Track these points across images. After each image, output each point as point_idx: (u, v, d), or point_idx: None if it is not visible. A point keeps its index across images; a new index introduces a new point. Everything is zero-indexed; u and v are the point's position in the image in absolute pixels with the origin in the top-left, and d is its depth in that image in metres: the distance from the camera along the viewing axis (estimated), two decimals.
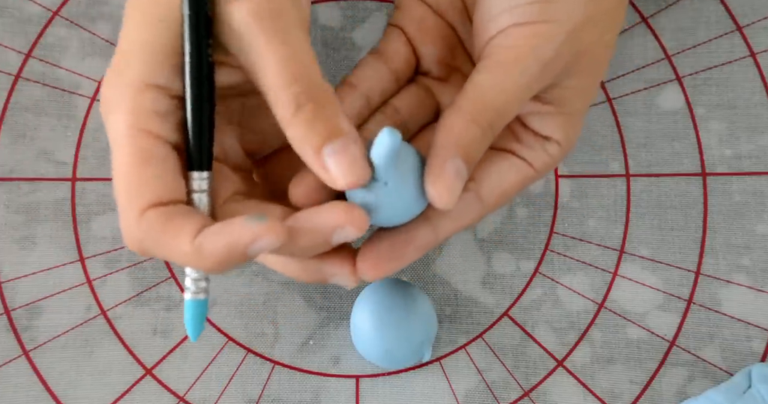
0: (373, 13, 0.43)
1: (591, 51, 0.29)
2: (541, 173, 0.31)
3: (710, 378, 0.38)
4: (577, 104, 0.31)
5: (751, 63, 0.42)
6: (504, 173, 0.30)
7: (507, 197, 0.31)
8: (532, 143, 0.31)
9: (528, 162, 0.31)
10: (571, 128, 0.31)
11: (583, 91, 0.30)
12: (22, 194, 0.40)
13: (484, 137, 0.27)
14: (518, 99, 0.28)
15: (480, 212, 0.30)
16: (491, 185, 0.30)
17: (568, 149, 0.31)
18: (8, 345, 0.38)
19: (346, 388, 0.38)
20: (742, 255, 0.40)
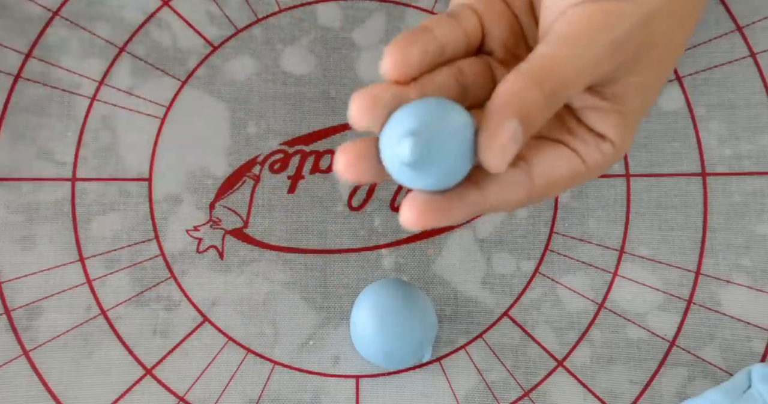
0: (373, 13, 0.43)
1: (661, 45, 0.28)
2: (592, 171, 0.30)
3: (710, 378, 0.38)
4: (635, 104, 0.29)
5: (751, 63, 0.42)
6: (555, 160, 0.29)
7: (555, 187, 0.29)
8: (587, 138, 0.30)
9: (580, 156, 0.29)
10: (626, 130, 0.30)
11: (645, 90, 0.29)
12: (22, 194, 0.40)
13: (545, 103, 0.26)
14: (584, 73, 0.26)
15: (528, 193, 0.29)
16: (541, 170, 0.29)
17: (621, 152, 0.30)
18: (8, 345, 0.38)
19: (346, 388, 0.38)
20: (742, 255, 0.40)
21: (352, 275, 0.40)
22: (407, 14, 0.43)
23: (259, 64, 0.42)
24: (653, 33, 0.28)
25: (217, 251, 0.40)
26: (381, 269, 0.40)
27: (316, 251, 0.40)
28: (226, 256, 0.40)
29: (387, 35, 0.42)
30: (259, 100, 0.42)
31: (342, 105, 0.42)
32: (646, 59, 0.28)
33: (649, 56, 0.28)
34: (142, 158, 0.41)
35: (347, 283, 0.40)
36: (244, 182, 0.41)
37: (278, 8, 0.43)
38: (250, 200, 0.41)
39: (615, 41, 0.27)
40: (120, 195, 0.40)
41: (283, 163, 0.41)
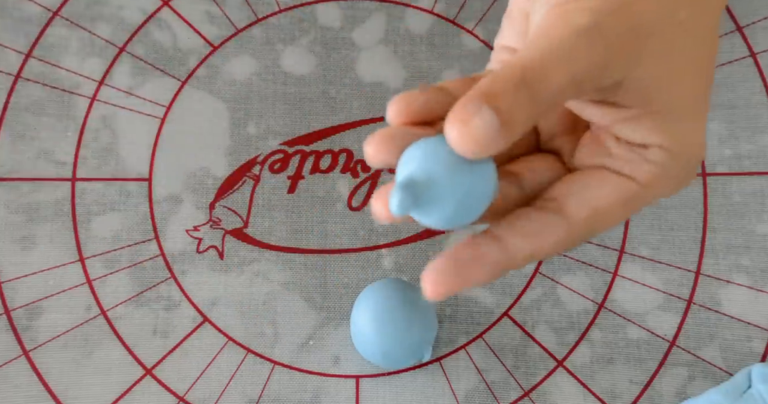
0: (373, 13, 0.43)
1: (658, 31, 0.26)
2: (652, 186, 0.27)
3: (710, 378, 0.38)
4: (664, 99, 0.27)
5: (751, 63, 0.42)
6: (594, 188, 0.27)
7: (605, 216, 0.27)
8: (627, 155, 0.27)
9: (626, 176, 0.27)
10: (676, 129, 0.27)
11: (665, 82, 0.26)
12: (22, 194, 0.40)
13: (516, 91, 0.24)
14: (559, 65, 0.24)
15: (566, 231, 0.27)
16: (577, 202, 0.27)
17: (686, 154, 0.27)
18: (8, 345, 0.38)
19: (346, 388, 0.38)
20: (742, 255, 0.40)
21: (352, 275, 0.40)
22: (407, 14, 0.43)
23: (259, 64, 0.42)
24: (638, 19, 0.26)
25: (217, 251, 0.40)
26: (381, 269, 0.40)
27: (316, 251, 0.40)
28: (226, 256, 0.40)
29: (387, 35, 0.43)
30: (259, 100, 0.42)
31: (342, 105, 0.42)
32: (645, 49, 0.26)
33: (648, 46, 0.26)
34: (142, 158, 0.41)
35: (347, 283, 0.40)
36: (244, 182, 0.41)
37: (278, 8, 0.43)
38: (250, 200, 0.41)
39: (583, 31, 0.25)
40: (120, 195, 0.40)
41: (283, 163, 0.41)
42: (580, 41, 0.25)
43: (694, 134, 0.28)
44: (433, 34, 0.43)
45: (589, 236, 0.28)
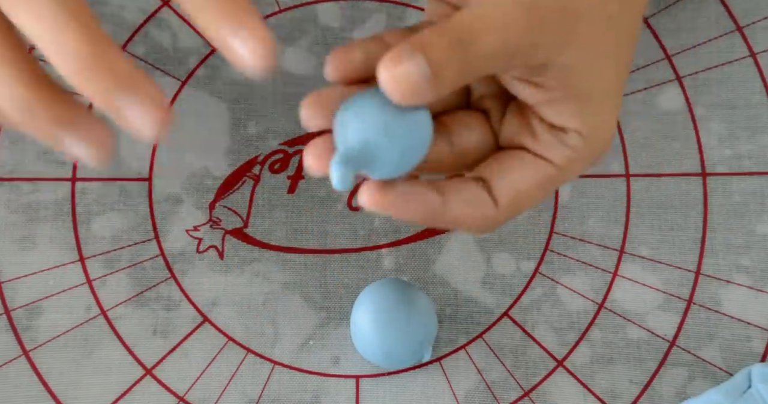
0: (373, 14, 0.43)
1: (587, 20, 0.27)
2: (566, 170, 0.29)
3: (710, 378, 0.38)
4: (584, 86, 0.28)
5: (751, 63, 0.42)
6: (516, 170, 0.28)
7: (525, 198, 0.29)
8: (548, 138, 0.28)
9: (546, 159, 0.28)
10: (592, 116, 0.28)
11: (588, 70, 0.28)
12: (22, 194, 0.40)
13: (451, 48, 0.25)
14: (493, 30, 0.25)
15: (494, 213, 0.28)
16: (503, 186, 0.28)
17: (597, 141, 0.29)
18: (8, 345, 0.38)
19: (346, 388, 0.38)
20: (742, 255, 0.40)
21: (352, 275, 0.40)
22: (407, 14, 0.43)
23: None
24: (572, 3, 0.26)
25: (217, 251, 0.40)
26: (381, 269, 0.40)
27: (316, 251, 0.40)
28: (226, 256, 0.40)
29: None
30: (259, 100, 0.42)
31: None
32: (572, 36, 0.27)
33: (575, 32, 0.27)
34: (142, 158, 0.41)
35: (347, 283, 0.40)
36: (244, 182, 0.41)
37: (278, 8, 0.43)
38: (250, 200, 0.41)
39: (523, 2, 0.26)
40: (120, 195, 0.40)
41: (283, 163, 0.41)
42: (517, 14, 0.26)
43: (608, 121, 0.29)
44: None
45: (510, 218, 0.29)
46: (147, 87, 0.24)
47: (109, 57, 0.23)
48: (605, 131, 0.29)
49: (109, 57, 0.23)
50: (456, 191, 0.28)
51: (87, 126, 0.24)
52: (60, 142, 0.24)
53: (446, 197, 0.28)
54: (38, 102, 0.24)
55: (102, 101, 0.23)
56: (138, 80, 0.23)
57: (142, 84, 0.23)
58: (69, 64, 0.23)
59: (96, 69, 0.23)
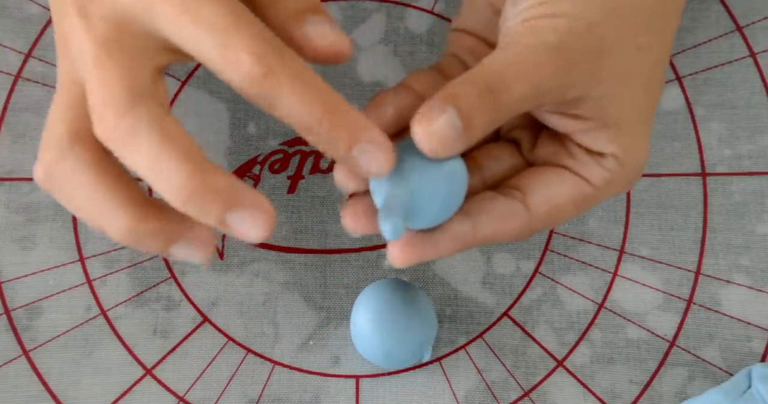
0: (373, 14, 0.43)
1: (617, 53, 0.28)
2: (603, 190, 0.30)
3: (710, 378, 0.38)
4: (619, 114, 0.29)
5: (751, 63, 0.42)
6: (554, 185, 0.29)
7: (560, 212, 0.29)
8: (586, 159, 0.29)
9: (583, 178, 0.29)
10: (627, 141, 0.29)
11: (620, 99, 0.28)
12: (22, 194, 0.40)
13: (481, 98, 0.26)
14: (522, 74, 0.26)
15: (527, 222, 0.29)
16: (540, 196, 0.29)
17: (633, 164, 0.30)
18: (8, 345, 0.38)
19: (346, 388, 0.38)
20: (742, 255, 0.40)
21: (352, 276, 0.40)
22: (407, 14, 0.43)
23: None
24: (601, 42, 0.27)
25: (217, 251, 0.40)
26: (381, 269, 0.40)
27: (316, 251, 0.40)
28: (226, 256, 0.40)
29: (387, 35, 0.42)
30: None
31: None
32: (604, 70, 0.28)
33: (606, 66, 0.28)
34: None
35: (347, 283, 0.40)
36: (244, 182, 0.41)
37: None
38: None
39: (551, 49, 0.27)
40: None
41: (283, 163, 0.41)
42: (546, 58, 0.26)
43: (642, 145, 0.30)
44: (433, 34, 0.43)
45: (543, 229, 0.30)
46: (250, 199, 0.25)
47: (211, 183, 0.24)
48: (640, 153, 0.30)
49: (211, 183, 0.24)
50: (485, 211, 0.29)
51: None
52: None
53: (475, 219, 0.28)
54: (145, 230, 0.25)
55: (213, 222, 0.25)
56: (241, 195, 0.25)
57: (245, 198, 0.25)
58: (176, 197, 0.24)
59: (201, 197, 0.24)
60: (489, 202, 0.29)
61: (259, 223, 0.25)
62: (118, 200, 0.25)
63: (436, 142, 0.25)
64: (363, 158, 0.25)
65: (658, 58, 0.30)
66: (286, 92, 0.24)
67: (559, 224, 0.31)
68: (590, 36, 0.27)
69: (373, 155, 0.25)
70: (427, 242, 0.28)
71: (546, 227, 0.30)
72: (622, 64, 0.28)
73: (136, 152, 0.24)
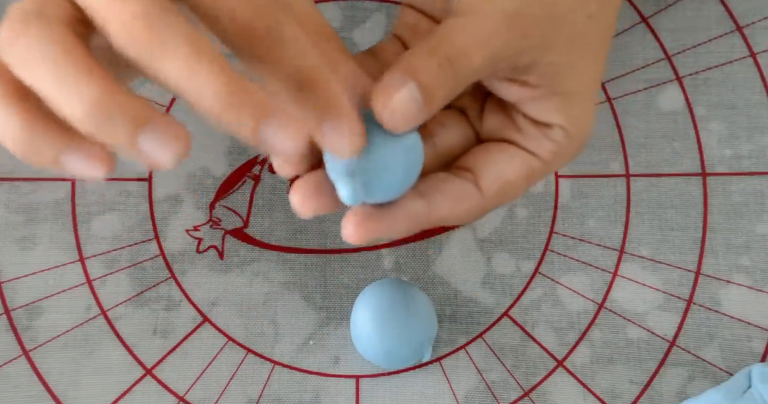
0: (373, 13, 0.43)
1: (570, 21, 0.28)
2: (550, 163, 0.30)
3: (710, 378, 0.38)
4: (569, 83, 0.29)
5: (751, 63, 0.42)
6: (504, 162, 0.29)
7: (512, 189, 0.29)
8: (533, 132, 0.29)
9: (531, 152, 0.29)
10: (575, 111, 0.29)
11: (571, 68, 0.28)
12: (22, 194, 0.40)
13: (440, 70, 0.25)
14: (481, 42, 0.26)
15: (480, 203, 0.29)
16: (490, 175, 0.29)
17: (580, 135, 0.30)
18: (8, 345, 0.38)
19: (346, 388, 0.38)
20: (742, 255, 0.40)
21: (352, 276, 0.40)
22: None
23: None
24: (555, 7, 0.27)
25: (217, 251, 0.40)
26: (381, 269, 0.40)
27: (316, 251, 0.40)
28: (226, 256, 0.40)
29: (387, 35, 0.42)
30: None
31: None
32: (557, 36, 0.27)
33: (560, 33, 0.28)
34: None
35: (347, 283, 0.40)
36: (244, 182, 0.41)
37: None
38: (250, 200, 0.41)
39: (507, 15, 0.26)
40: (120, 195, 0.40)
41: None
42: (502, 25, 0.26)
43: (589, 115, 0.30)
44: None
45: (495, 207, 0.30)
46: (163, 119, 0.23)
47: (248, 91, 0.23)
48: (586, 124, 0.30)
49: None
50: (440, 191, 0.28)
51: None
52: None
53: (430, 199, 0.28)
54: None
55: (122, 141, 0.22)
56: (153, 115, 0.22)
57: (156, 117, 0.23)
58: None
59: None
60: (443, 183, 0.29)
61: (170, 146, 0.22)
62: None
63: (397, 116, 0.25)
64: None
65: (606, 27, 0.30)
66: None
67: (512, 200, 0.32)
68: (545, 2, 0.27)
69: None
70: (383, 218, 0.27)
71: (498, 205, 0.30)
72: (574, 32, 0.28)
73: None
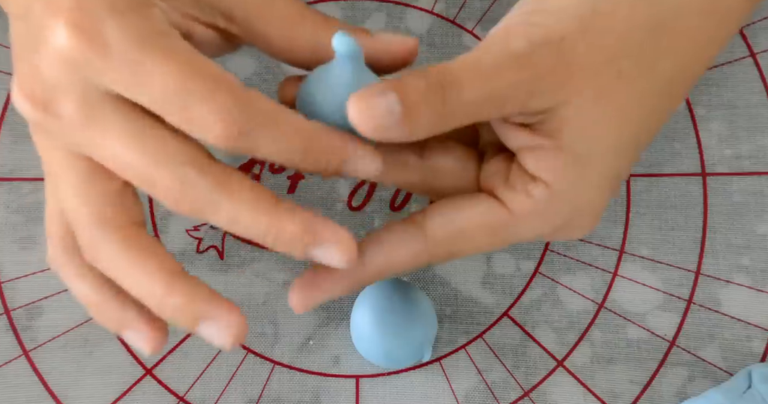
0: (373, 13, 0.43)
1: (593, 75, 0.26)
2: (521, 221, 0.27)
3: (710, 378, 0.38)
4: (577, 143, 0.26)
5: (751, 63, 0.42)
6: (464, 209, 0.27)
7: (467, 238, 0.27)
8: (517, 183, 0.27)
9: (503, 203, 0.27)
10: (571, 176, 0.27)
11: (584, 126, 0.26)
12: (23, 194, 0.40)
13: (429, 90, 0.24)
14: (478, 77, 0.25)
15: (423, 248, 0.27)
16: (442, 220, 0.27)
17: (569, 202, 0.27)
18: (8, 345, 0.38)
19: (346, 388, 0.38)
20: (742, 255, 0.40)
21: None
22: (407, 14, 0.43)
23: (259, 64, 0.42)
24: (573, 54, 0.26)
25: (217, 251, 0.40)
26: None
27: None
28: (226, 256, 0.40)
29: None
30: None
31: None
32: (572, 84, 0.26)
33: (575, 81, 0.26)
34: None
35: None
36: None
37: None
38: None
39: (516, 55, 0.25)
40: None
41: None
42: (508, 63, 0.25)
43: (587, 184, 0.27)
44: (433, 34, 0.43)
45: (450, 257, 0.28)
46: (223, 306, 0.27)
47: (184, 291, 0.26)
48: (582, 192, 0.28)
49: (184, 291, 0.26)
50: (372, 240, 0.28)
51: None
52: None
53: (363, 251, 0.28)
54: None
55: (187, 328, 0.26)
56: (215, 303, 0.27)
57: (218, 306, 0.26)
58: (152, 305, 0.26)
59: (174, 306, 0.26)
60: (381, 230, 0.28)
61: (228, 331, 0.26)
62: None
63: (366, 120, 0.24)
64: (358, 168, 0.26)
65: (641, 94, 0.27)
66: (263, 143, 0.24)
67: (472, 252, 0.28)
68: (563, 49, 0.26)
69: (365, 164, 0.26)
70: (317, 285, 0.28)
71: (453, 255, 0.28)
72: (599, 88, 0.26)
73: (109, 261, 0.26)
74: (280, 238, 0.25)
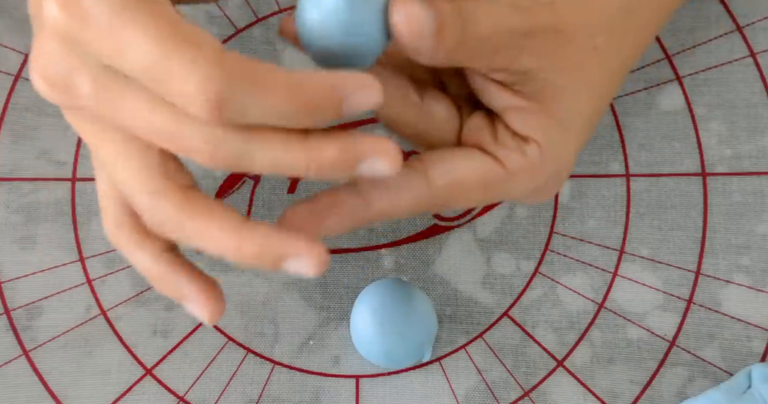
0: None
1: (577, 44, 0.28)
2: (514, 178, 0.28)
3: (710, 378, 0.38)
4: (560, 107, 0.28)
5: (751, 63, 0.42)
6: (463, 161, 0.28)
7: (464, 190, 0.28)
8: (509, 142, 0.28)
9: (497, 159, 0.28)
10: (556, 137, 0.28)
11: (566, 93, 0.28)
12: (22, 194, 0.40)
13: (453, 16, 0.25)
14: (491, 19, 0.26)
15: (425, 194, 0.28)
16: (442, 168, 0.28)
17: (553, 163, 0.29)
18: (8, 345, 0.38)
19: (346, 388, 0.38)
20: (742, 255, 0.40)
21: (352, 276, 0.40)
22: None
23: None
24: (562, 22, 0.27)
25: None
26: (381, 269, 0.40)
27: None
28: None
29: None
30: None
31: None
32: (558, 50, 0.27)
33: (561, 48, 0.27)
34: None
35: (347, 283, 0.40)
36: (244, 182, 0.41)
37: (278, 8, 0.43)
38: (250, 200, 0.41)
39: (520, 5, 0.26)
40: None
41: None
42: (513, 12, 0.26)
43: (569, 148, 0.29)
44: None
45: (446, 207, 0.28)
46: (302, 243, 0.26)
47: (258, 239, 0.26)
48: (563, 156, 0.29)
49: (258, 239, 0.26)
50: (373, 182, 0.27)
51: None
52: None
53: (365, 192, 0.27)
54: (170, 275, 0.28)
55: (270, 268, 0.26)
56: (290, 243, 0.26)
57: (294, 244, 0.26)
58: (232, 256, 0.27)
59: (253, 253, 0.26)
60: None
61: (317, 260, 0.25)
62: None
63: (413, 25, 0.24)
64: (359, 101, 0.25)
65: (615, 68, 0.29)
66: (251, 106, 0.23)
67: (466, 205, 0.29)
68: (553, 13, 0.27)
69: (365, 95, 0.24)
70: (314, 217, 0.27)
71: (449, 205, 0.29)
72: (578, 58, 0.28)
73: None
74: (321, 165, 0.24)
